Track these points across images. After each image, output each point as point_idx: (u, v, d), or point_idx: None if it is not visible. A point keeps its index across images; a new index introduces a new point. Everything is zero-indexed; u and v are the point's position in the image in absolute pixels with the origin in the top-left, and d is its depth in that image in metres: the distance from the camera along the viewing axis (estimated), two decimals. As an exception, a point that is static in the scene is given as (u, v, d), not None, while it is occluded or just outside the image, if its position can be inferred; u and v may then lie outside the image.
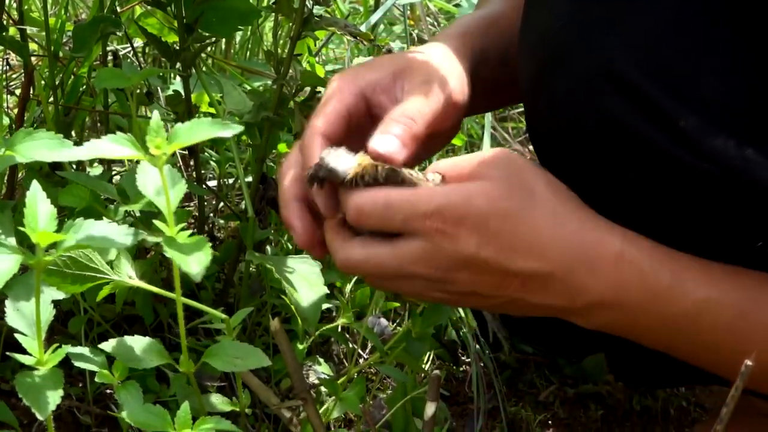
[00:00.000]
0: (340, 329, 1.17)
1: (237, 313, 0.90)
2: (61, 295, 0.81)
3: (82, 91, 1.23)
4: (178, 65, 1.09)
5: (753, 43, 0.74)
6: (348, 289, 1.21)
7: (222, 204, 1.34)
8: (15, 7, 1.18)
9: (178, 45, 1.08)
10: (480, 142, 1.50)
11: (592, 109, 0.79)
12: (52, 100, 1.16)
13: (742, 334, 0.78)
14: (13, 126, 1.20)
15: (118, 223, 0.77)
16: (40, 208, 0.73)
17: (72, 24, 1.33)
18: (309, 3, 1.03)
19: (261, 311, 1.17)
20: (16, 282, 0.80)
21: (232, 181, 1.39)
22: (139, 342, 0.85)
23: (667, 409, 1.26)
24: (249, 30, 1.52)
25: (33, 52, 1.23)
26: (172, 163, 0.87)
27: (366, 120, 0.87)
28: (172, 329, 1.16)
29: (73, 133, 1.26)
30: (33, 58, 1.22)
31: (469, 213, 0.76)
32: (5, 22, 1.11)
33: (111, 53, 1.29)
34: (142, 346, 0.85)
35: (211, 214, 1.33)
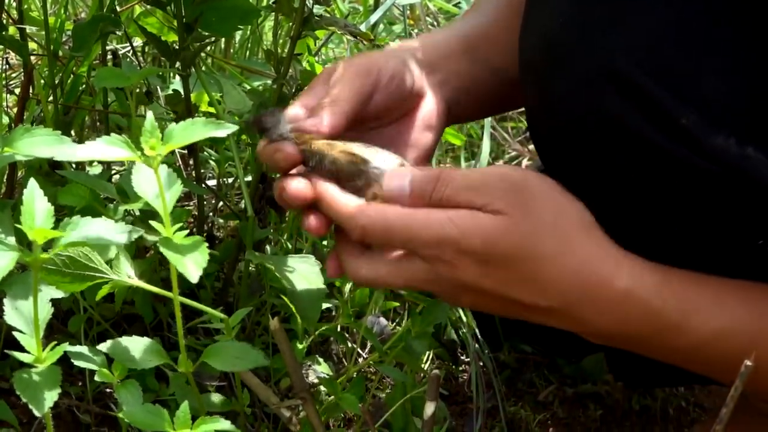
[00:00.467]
0: (339, 329, 1.17)
1: (236, 313, 0.90)
2: (60, 293, 0.81)
3: (82, 90, 1.23)
4: (178, 64, 1.09)
5: (755, 43, 0.74)
6: (347, 288, 1.21)
7: (221, 203, 1.34)
8: (14, 6, 1.18)
9: (178, 44, 1.08)
10: (480, 142, 1.50)
11: (594, 109, 0.79)
12: (51, 99, 1.16)
13: (756, 358, 0.78)
14: (13, 125, 1.20)
15: (117, 222, 0.77)
16: (37, 205, 0.73)
17: (71, 23, 1.33)
18: (309, 2, 1.03)
19: (260, 311, 1.17)
20: (15, 280, 0.81)
21: (231, 180, 1.39)
22: (137, 342, 0.85)
23: (666, 409, 1.25)
24: (249, 29, 1.52)
25: (32, 51, 1.23)
26: (170, 163, 0.87)
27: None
28: (171, 328, 1.15)
29: (73, 132, 1.26)
30: (32, 57, 1.22)
31: (468, 249, 0.76)
32: (5, 21, 1.11)
33: (110, 52, 1.28)
34: (141, 347, 0.85)
35: (211, 214, 1.33)
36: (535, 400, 1.25)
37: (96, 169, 1.23)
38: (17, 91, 1.27)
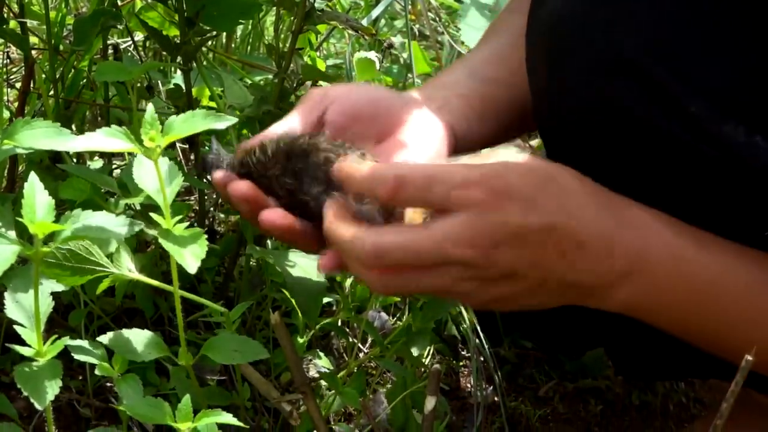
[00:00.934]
0: (340, 323, 1.17)
1: (236, 307, 0.90)
2: (60, 287, 0.82)
3: (83, 84, 1.23)
4: (179, 59, 1.09)
5: (762, 33, 0.74)
6: (348, 283, 1.21)
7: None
8: (16, 1, 1.18)
9: (179, 39, 1.08)
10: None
11: (602, 97, 0.79)
12: (52, 94, 1.16)
13: (761, 304, 0.79)
14: (14, 119, 1.20)
15: (118, 216, 0.78)
16: (38, 199, 0.73)
17: (72, 17, 1.33)
18: (310, -3, 1.03)
19: (261, 305, 1.17)
20: (16, 274, 0.81)
21: (232, 175, 1.39)
22: (138, 335, 0.85)
23: (666, 405, 1.26)
24: (250, 24, 1.52)
25: (33, 46, 1.23)
26: (171, 157, 0.87)
27: None
28: (172, 322, 1.16)
29: (74, 126, 1.26)
30: (33, 51, 1.22)
31: (511, 185, 0.73)
32: (6, 16, 1.11)
33: (111, 47, 1.28)
34: (142, 339, 0.85)
35: (212, 208, 1.33)
36: (535, 396, 1.25)
37: (97, 163, 1.23)
38: (18, 85, 1.28)
